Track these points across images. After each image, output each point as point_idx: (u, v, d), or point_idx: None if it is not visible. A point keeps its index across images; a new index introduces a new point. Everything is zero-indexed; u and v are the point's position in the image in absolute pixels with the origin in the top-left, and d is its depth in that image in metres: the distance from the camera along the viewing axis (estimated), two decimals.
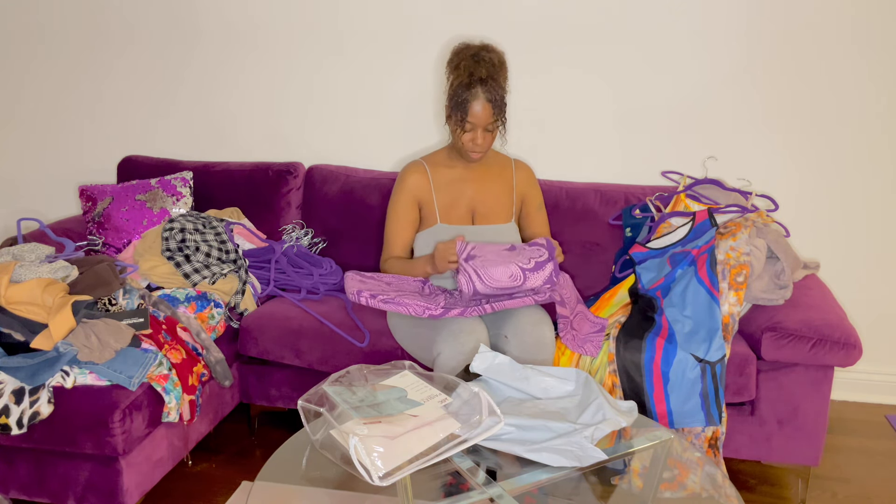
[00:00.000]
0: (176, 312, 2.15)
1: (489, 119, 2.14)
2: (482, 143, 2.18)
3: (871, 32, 2.49)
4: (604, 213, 2.56)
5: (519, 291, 2.05)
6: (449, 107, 2.18)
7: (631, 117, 2.69)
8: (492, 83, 2.13)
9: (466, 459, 1.49)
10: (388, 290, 2.09)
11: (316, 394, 1.56)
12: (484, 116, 2.13)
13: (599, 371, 2.08)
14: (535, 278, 2.03)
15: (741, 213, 2.33)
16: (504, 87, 2.17)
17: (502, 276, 2.02)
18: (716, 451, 2.06)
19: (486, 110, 2.13)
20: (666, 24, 2.59)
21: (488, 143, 2.19)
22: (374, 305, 2.03)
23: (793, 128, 2.62)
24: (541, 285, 2.04)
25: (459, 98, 2.14)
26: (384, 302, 2.02)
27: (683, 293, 2.17)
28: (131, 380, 1.86)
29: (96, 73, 3.02)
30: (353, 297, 2.06)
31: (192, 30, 2.90)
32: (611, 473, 1.53)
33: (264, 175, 2.78)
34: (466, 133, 2.17)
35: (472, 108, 2.12)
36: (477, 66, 2.14)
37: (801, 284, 2.32)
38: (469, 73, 2.14)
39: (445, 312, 1.97)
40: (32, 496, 1.94)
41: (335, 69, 2.84)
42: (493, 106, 2.13)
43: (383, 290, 2.09)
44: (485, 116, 2.13)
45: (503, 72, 2.20)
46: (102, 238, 2.60)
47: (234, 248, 2.49)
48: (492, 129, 2.17)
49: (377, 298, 2.03)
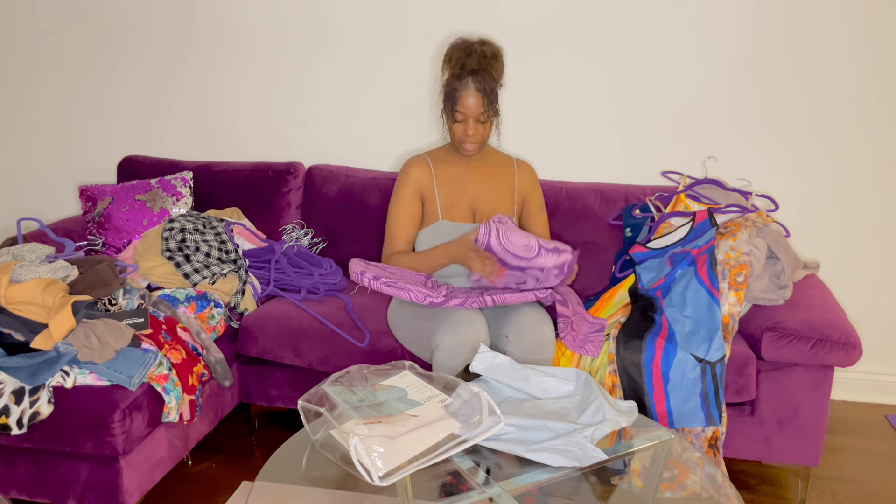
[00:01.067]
0: (176, 312, 2.15)
1: (480, 109, 2.15)
2: (474, 135, 2.19)
3: (871, 33, 2.49)
4: (604, 213, 2.56)
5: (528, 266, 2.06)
6: (442, 100, 2.21)
7: (631, 117, 2.69)
8: (483, 74, 2.15)
9: (466, 459, 1.49)
10: (392, 277, 2.09)
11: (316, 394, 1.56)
12: (474, 106, 2.15)
13: (599, 371, 2.08)
14: (547, 258, 2.04)
15: (741, 213, 2.33)
16: (496, 79, 2.19)
17: (519, 242, 2.04)
18: (716, 451, 2.06)
19: (476, 100, 2.14)
20: (666, 24, 2.59)
21: (481, 135, 2.20)
22: (377, 288, 2.02)
23: (793, 128, 2.62)
24: (550, 268, 2.05)
25: (450, 89, 2.17)
26: (386, 285, 2.01)
27: (683, 293, 2.17)
28: (131, 380, 1.86)
29: (97, 73, 3.02)
30: (355, 276, 2.05)
31: (193, 30, 2.90)
32: (611, 473, 1.53)
33: (264, 175, 2.78)
34: (458, 124, 2.19)
35: (463, 98, 2.14)
36: (468, 57, 2.16)
37: (801, 284, 2.32)
38: (461, 65, 2.16)
39: (446, 301, 1.97)
40: (32, 496, 1.94)
41: (335, 69, 2.84)
42: (483, 96, 2.14)
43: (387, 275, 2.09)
44: (475, 106, 2.15)
45: (496, 64, 2.21)
46: (102, 238, 2.60)
47: (234, 248, 2.49)
48: (484, 119, 2.18)
49: (380, 281, 2.02)
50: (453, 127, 2.20)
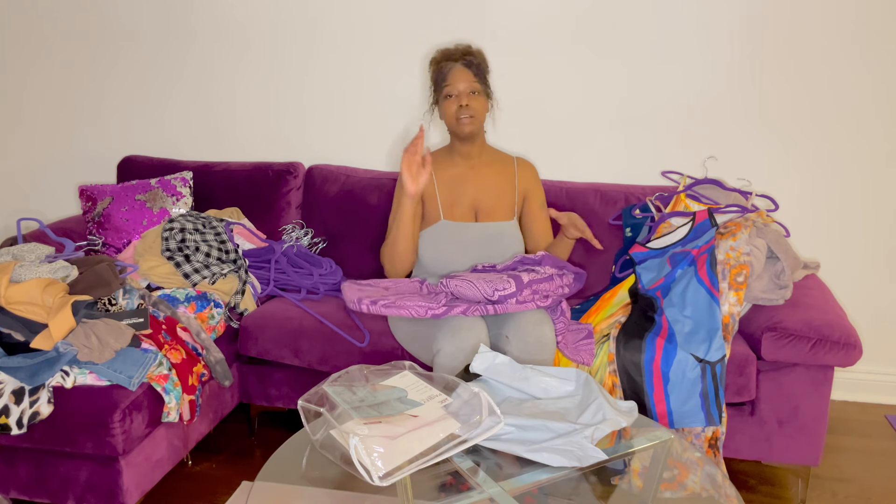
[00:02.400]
0: (176, 312, 2.15)
1: (470, 80, 2.21)
2: (470, 107, 2.20)
3: (871, 33, 2.49)
4: (604, 213, 2.56)
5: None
6: (431, 92, 2.29)
7: (631, 117, 2.69)
8: (468, 56, 2.24)
9: (466, 459, 1.49)
10: (388, 295, 2.09)
11: (316, 394, 1.56)
12: (463, 79, 2.21)
13: (599, 371, 2.08)
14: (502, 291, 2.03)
15: (741, 213, 2.33)
16: (482, 62, 2.27)
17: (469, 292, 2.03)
18: (716, 451, 2.06)
19: (464, 73, 2.21)
20: (666, 25, 2.59)
21: (476, 107, 2.22)
22: (376, 312, 2.05)
23: (793, 128, 2.62)
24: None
25: (437, 73, 2.25)
26: (385, 307, 2.03)
27: (683, 293, 2.17)
28: (131, 380, 1.86)
29: (96, 72, 3.02)
30: (353, 305, 2.08)
31: (191, 29, 2.90)
32: (611, 473, 1.53)
33: (264, 175, 2.77)
34: (450, 100, 2.23)
35: (451, 74, 2.22)
36: (450, 51, 2.27)
37: (801, 284, 2.32)
38: (444, 55, 2.27)
39: (448, 311, 1.98)
40: (32, 496, 1.94)
41: (335, 68, 2.84)
42: (470, 70, 2.22)
43: (382, 295, 2.10)
44: (464, 79, 2.21)
45: (480, 55, 2.30)
46: (102, 238, 2.60)
47: (234, 248, 2.49)
48: (476, 92, 2.20)
49: (378, 304, 2.04)
50: (446, 106, 2.24)
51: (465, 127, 2.22)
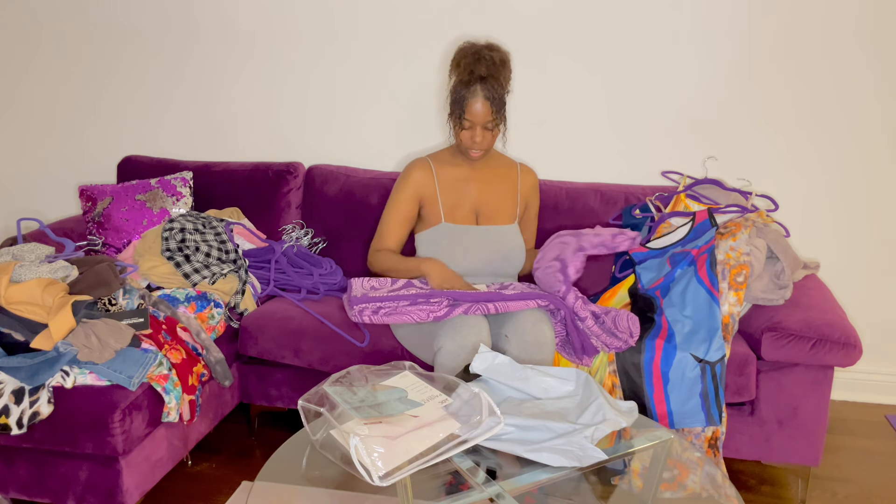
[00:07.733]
0: (176, 312, 2.15)
1: (488, 117, 2.15)
2: (481, 142, 2.19)
3: (872, 32, 2.49)
4: (604, 213, 2.56)
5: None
6: (449, 104, 2.21)
7: (631, 117, 2.69)
8: (492, 81, 2.14)
9: (466, 459, 1.49)
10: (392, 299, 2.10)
11: (316, 394, 1.56)
12: (482, 114, 2.14)
13: (599, 371, 2.08)
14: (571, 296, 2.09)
15: (741, 213, 2.33)
16: (504, 86, 2.18)
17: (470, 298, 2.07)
18: (716, 451, 2.06)
19: (484, 108, 2.14)
20: (666, 24, 2.59)
21: (488, 141, 2.20)
22: (379, 321, 2.07)
23: (793, 127, 2.62)
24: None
25: (458, 95, 2.16)
26: (387, 315, 2.05)
27: (683, 293, 2.17)
28: (131, 380, 1.86)
29: (96, 72, 3.02)
30: (355, 317, 2.10)
31: (192, 29, 2.90)
32: (611, 473, 1.53)
33: (264, 175, 2.77)
34: (465, 130, 2.19)
35: (471, 105, 2.14)
36: (477, 63, 2.15)
37: (801, 284, 2.32)
38: (469, 70, 2.15)
39: (450, 311, 1.99)
40: (32, 496, 1.94)
41: (335, 68, 2.84)
42: (491, 104, 2.14)
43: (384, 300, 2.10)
44: (483, 114, 2.14)
45: (505, 71, 2.20)
46: (102, 238, 2.60)
47: (234, 248, 2.49)
48: (491, 127, 2.18)
49: (379, 314, 2.06)
50: (460, 133, 2.20)
51: (474, 155, 2.24)
